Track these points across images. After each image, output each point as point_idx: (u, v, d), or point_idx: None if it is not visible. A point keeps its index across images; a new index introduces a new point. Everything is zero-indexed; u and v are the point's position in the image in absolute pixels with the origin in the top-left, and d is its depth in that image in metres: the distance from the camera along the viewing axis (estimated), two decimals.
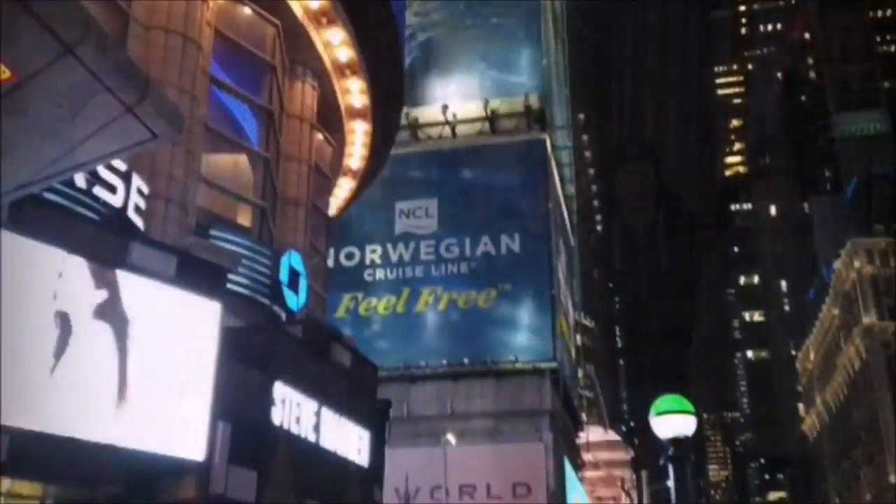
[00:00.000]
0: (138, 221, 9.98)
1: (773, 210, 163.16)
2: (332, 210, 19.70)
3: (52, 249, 7.72)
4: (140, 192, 10.06)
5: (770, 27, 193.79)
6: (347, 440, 11.86)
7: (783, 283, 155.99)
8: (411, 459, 30.39)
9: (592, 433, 49.49)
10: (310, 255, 15.25)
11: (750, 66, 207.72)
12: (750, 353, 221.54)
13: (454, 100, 41.15)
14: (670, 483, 9.11)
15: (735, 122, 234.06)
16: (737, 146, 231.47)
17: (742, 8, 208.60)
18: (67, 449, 7.63)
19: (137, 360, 8.32)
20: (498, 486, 33.00)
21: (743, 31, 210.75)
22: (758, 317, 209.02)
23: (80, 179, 9.04)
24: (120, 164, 9.67)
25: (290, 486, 10.38)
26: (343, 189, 19.91)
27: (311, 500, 10.65)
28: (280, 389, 10.22)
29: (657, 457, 9.76)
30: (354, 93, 17.26)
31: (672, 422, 8.74)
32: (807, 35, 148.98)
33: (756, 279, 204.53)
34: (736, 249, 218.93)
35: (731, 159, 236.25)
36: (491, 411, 35.18)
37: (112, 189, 9.50)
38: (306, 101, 15.89)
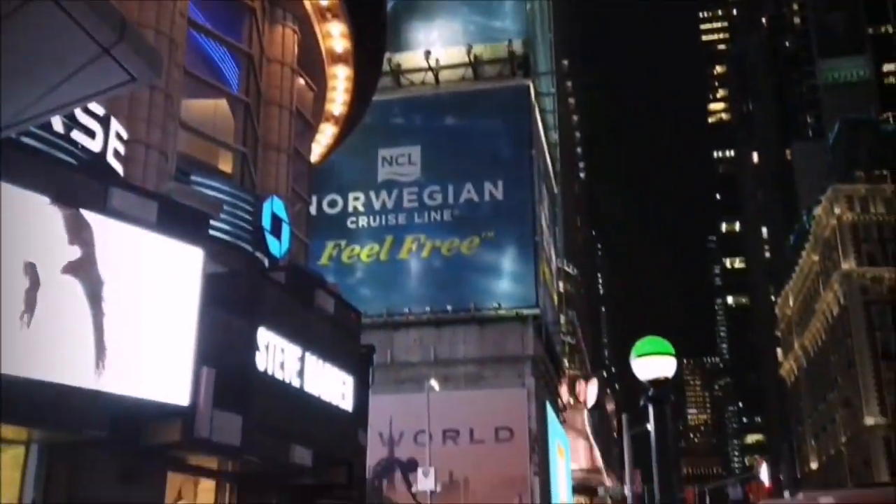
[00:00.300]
0: (117, 167, 9.88)
1: (755, 157, 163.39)
2: (315, 157, 19.57)
3: (27, 197, 7.63)
4: (119, 136, 9.94)
5: None
6: (331, 385, 11.94)
7: (764, 230, 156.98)
8: (395, 405, 30.76)
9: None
10: (292, 202, 15.18)
11: (734, 12, 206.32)
12: (730, 299, 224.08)
13: (437, 45, 40.77)
14: (650, 426, 9.25)
15: (719, 69, 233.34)
16: (720, 93, 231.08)
17: None
18: (52, 395, 7.65)
19: (119, 309, 8.30)
20: (481, 430, 33.47)
21: None
22: (738, 263, 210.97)
23: (57, 123, 8.92)
24: (98, 109, 9.55)
25: (274, 430, 10.48)
26: (325, 135, 19.75)
27: (296, 444, 10.75)
28: (264, 335, 10.24)
29: (638, 401, 9.89)
30: (336, 37, 17.04)
31: (652, 363, 8.84)
32: None
33: (737, 226, 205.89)
34: (718, 196, 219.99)
35: (714, 106, 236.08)
36: (474, 357, 35.53)
37: (90, 133, 9.38)
38: (287, 45, 15.67)
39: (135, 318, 8.51)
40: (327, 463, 11.84)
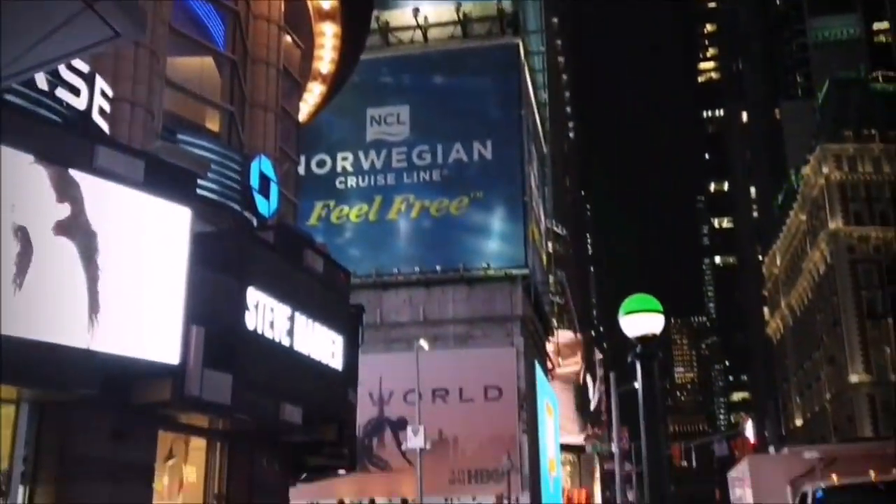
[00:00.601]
0: (103, 125, 9.78)
1: (744, 116, 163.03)
2: (303, 116, 19.39)
3: (13, 156, 7.55)
4: (104, 94, 9.83)
5: None
6: (321, 344, 11.96)
7: (752, 190, 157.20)
8: (385, 364, 30.94)
9: (562, 336, 50.48)
10: (280, 161, 15.08)
11: None
12: (718, 259, 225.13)
13: (425, 3, 40.30)
14: (638, 383, 9.31)
15: (709, 27, 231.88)
16: (710, 51, 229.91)
17: None
18: (43, 354, 7.65)
19: (108, 269, 8.28)
20: (470, 389, 33.74)
21: None
22: (726, 223, 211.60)
23: (41, 81, 8.81)
24: (82, 66, 9.42)
25: (264, 389, 10.52)
26: (313, 94, 19.55)
27: (285, 402, 10.81)
28: (253, 294, 10.23)
29: (626, 360, 9.94)
30: None
31: (640, 320, 8.87)
32: None
33: (726, 185, 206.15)
34: (707, 156, 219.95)
35: (704, 65, 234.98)
36: (463, 317, 35.68)
37: (75, 91, 9.27)
38: (273, 2, 15.44)
39: (124, 277, 8.49)
40: (317, 421, 11.91)
